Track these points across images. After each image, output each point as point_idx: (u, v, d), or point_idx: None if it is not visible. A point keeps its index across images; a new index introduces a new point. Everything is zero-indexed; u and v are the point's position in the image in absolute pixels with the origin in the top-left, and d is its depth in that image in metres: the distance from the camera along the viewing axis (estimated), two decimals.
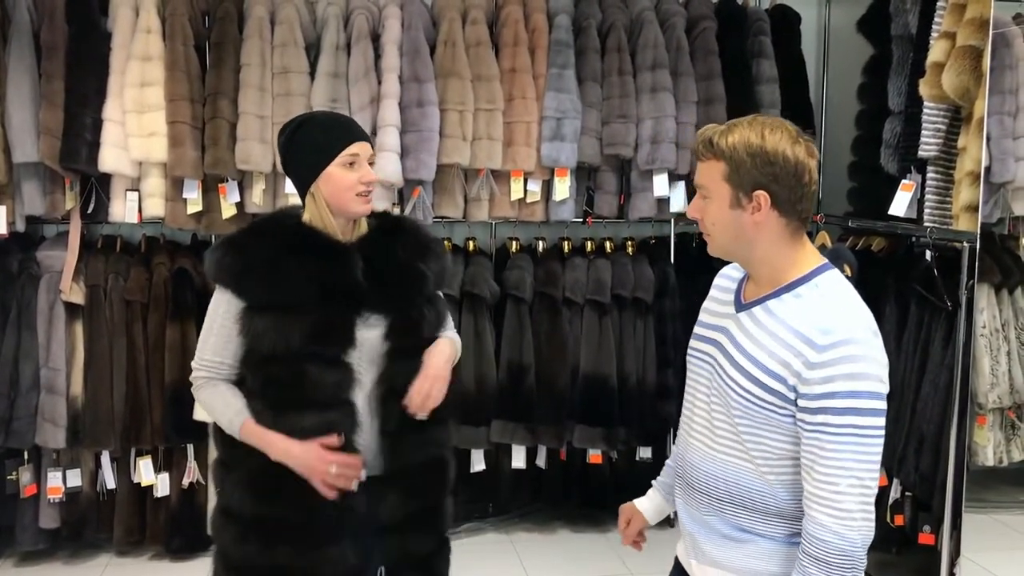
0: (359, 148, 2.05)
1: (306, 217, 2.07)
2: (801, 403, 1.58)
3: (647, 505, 2.06)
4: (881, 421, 1.56)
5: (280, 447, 1.97)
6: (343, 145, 2.03)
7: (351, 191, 2.03)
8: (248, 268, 2.00)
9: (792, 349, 1.59)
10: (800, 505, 1.64)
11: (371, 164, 2.09)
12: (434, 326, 2.15)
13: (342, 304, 2.01)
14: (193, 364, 2.08)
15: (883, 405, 1.56)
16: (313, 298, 1.98)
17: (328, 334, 1.98)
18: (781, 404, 1.61)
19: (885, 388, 1.58)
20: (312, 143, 2.05)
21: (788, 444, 1.63)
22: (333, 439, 1.96)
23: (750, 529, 1.70)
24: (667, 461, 2.08)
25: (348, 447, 1.99)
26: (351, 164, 2.03)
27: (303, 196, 2.08)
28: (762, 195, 1.62)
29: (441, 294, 2.23)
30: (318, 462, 1.95)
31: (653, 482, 2.09)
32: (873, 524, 1.56)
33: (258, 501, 2.02)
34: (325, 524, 1.99)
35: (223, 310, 2.03)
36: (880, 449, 1.57)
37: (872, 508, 1.56)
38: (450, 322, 2.25)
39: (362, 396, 2.04)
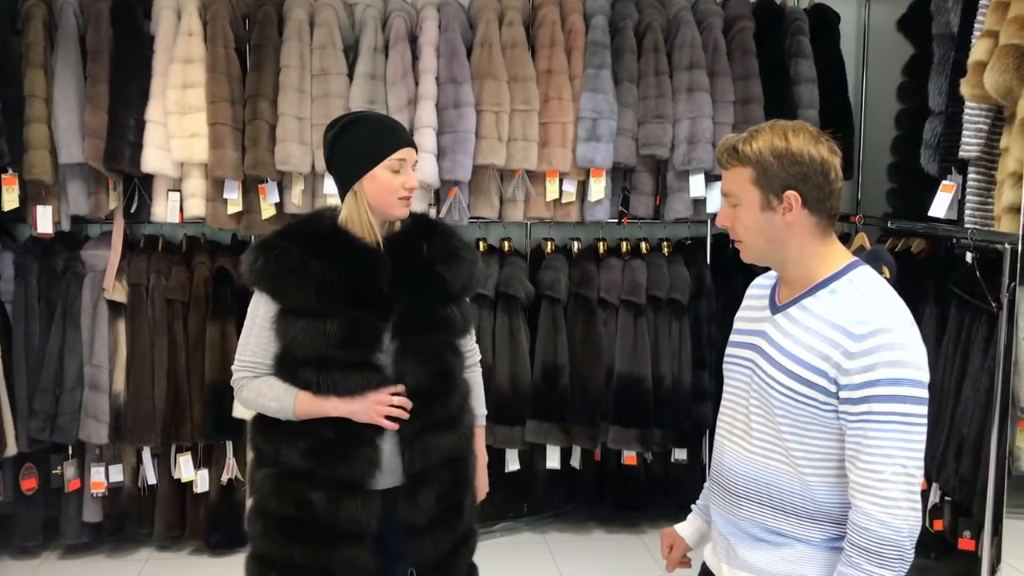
0: (406, 154, 2.10)
1: (343, 217, 2.09)
2: (843, 395, 1.59)
3: (688, 529, 2.05)
4: (923, 409, 1.57)
5: (338, 405, 2.04)
6: (393, 149, 2.07)
7: (394, 194, 2.07)
8: (280, 271, 2.03)
9: (830, 342, 1.61)
10: (841, 508, 1.65)
11: (413, 170, 2.13)
12: (459, 329, 2.19)
13: (370, 309, 2.05)
14: (234, 368, 2.13)
15: (925, 394, 1.58)
16: (342, 302, 2.02)
17: (355, 338, 2.02)
18: (823, 399, 1.62)
19: (926, 377, 1.59)
20: (362, 143, 2.08)
21: (830, 442, 1.64)
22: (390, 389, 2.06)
23: (786, 532, 1.70)
24: (706, 484, 2.06)
25: (374, 450, 2.07)
26: (397, 169, 2.07)
27: (344, 193, 2.10)
28: (792, 195, 1.65)
29: (468, 301, 2.25)
30: (376, 402, 2.04)
31: (693, 506, 2.08)
32: (919, 514, 1.56)
33: (280, 500, 2.07)
34: (341, 528, 2.04)
35: (261, 312, 2.07)
36: (923, 439, 1.58)
37: (918, 498, 1.57)
38: (472, 337, 2.29)
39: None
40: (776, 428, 1.68)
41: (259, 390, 2.08)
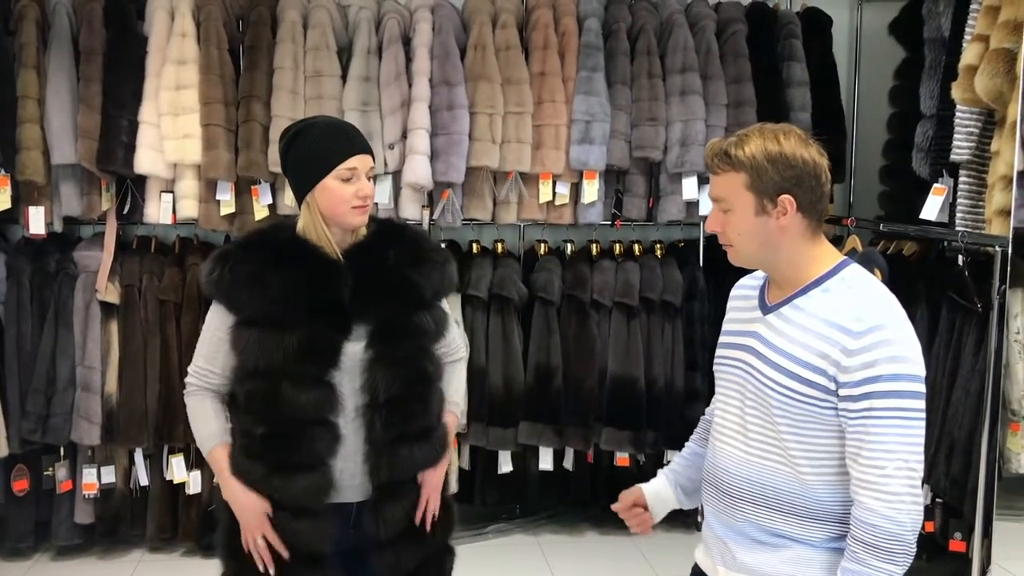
0: (358, 162, 2.00)
1: (300, 227, 2.04)
2: (843, 392, 1.60)
3: (650, 488, 2.05)
4: (922, 404, 1.58)
5: (232, 488, 2.01)
6: (341, 158, 1.98)
7: (346, 204, 1.99)
8: (237, 282, 1.99)
9: (828, 340, 1.61)
10: (840, 506, 1.65)
11: (370, 177, 2.04)
12: (432, 336, 2.11)
13: (329, 321, 1.99)
14: (188, 370, 2.10)
15: (923, 388, 1.59)
16: (300, 314, 1.96)
17: (311, 353, 1.97)
18: (822, 397, 1.62)
19: (923, 371, 1.60)
20: (310, 154, 2.00)
21: (829, 439, 1.64)
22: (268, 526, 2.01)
23: (785, 534, 1.70)
24: (680, 453, 2.06)
25: (325, 470, 2.00)
26: (348, 178, 1.99)
27: (299, 203, 2.05)
28: (787, 199, 1.65)
29: (444, 306, 2.17)
30: (255, 525, 2.01)
31: (660, 471, 2.08)
32: (921, 508, 1.58)
33: (232, 520, 2.06)
34: (299, 552, 2.02)
35: (216, 323, 2.04)
36: (923, 432, 1.59)
37: (920, 492, 1.58)
38: (452, 337, 2.21)
39: (347, 413, 2.02)
40: (774, 428, 1.68)
41: (196, 411, 2.06)
